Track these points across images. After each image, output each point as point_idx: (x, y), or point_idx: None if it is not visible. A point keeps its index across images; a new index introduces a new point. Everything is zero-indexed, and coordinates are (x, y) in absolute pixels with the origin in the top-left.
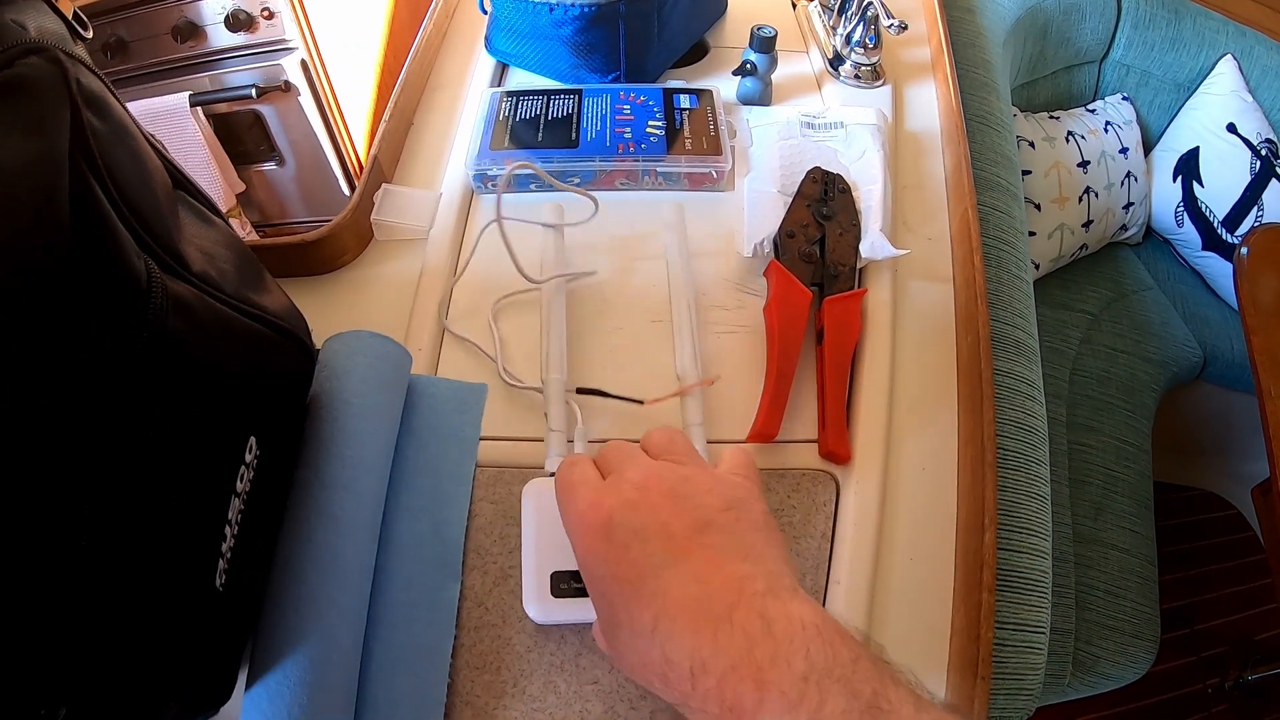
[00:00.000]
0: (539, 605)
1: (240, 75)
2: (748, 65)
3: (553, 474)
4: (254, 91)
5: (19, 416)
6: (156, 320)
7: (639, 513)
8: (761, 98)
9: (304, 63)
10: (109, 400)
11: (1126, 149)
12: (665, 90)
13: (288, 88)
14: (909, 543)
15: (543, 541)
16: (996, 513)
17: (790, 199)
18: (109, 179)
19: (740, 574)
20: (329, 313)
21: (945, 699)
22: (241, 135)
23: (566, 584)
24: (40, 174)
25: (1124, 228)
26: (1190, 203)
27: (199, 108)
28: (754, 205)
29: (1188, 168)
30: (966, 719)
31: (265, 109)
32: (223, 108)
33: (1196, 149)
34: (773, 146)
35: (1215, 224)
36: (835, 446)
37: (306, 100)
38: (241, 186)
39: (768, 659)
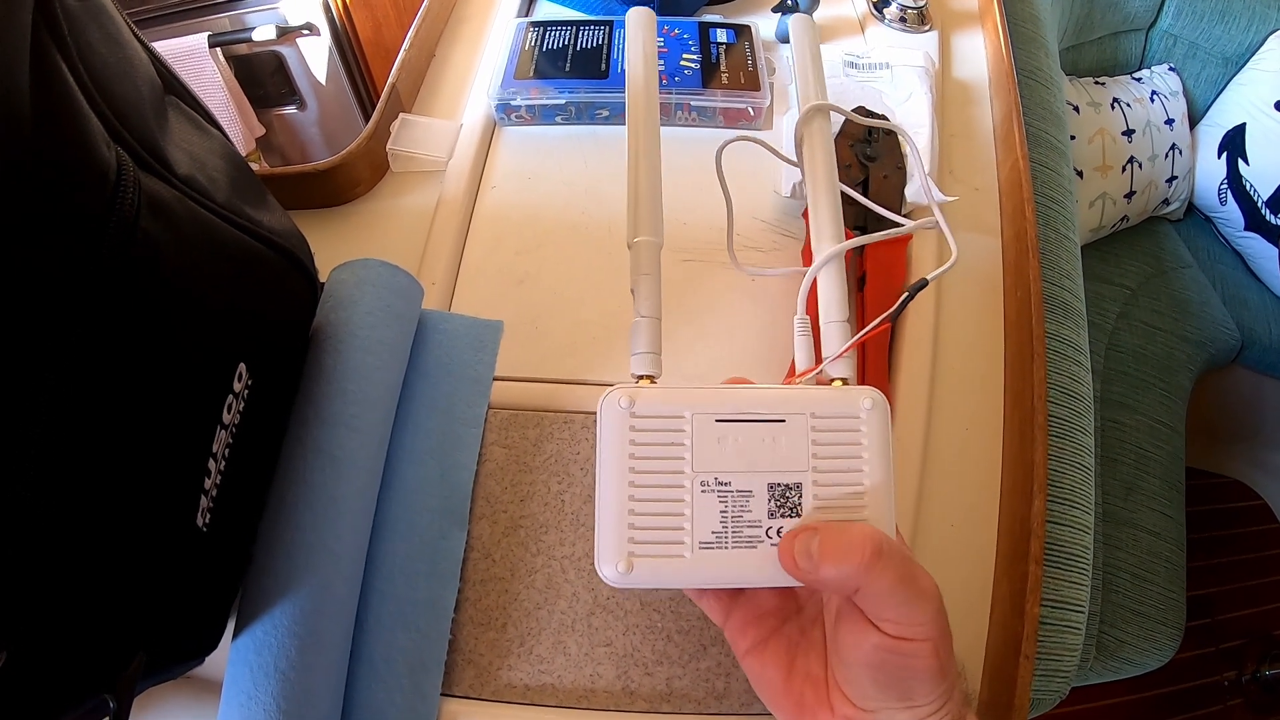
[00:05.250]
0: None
1: (260, 15)
2: (789, 3)
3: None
4: (274, 32)
5: None
6: (125, 219)
7: None
8: None
9: (326, 4)
10: (65, 306)
11: (1172, 120)
12: (701, 24)
13: (309, 29)
14: (950, 507)
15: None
16: (1046, 480)
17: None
18: (77, 58)
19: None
20: (339, 245)
21: (982, 680)
22: (262, 77)
23: None
24: None
25: (1166, 202)
26: (1234, 180)
27: (218, 48)
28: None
29: (1233, 144)
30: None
31: (286, 50)
32: (243, 49)
33: (1243, 125)
34: None
35: (1259, 204)
36: None
37: (328, 42)
38: (261, 130)
39: None
